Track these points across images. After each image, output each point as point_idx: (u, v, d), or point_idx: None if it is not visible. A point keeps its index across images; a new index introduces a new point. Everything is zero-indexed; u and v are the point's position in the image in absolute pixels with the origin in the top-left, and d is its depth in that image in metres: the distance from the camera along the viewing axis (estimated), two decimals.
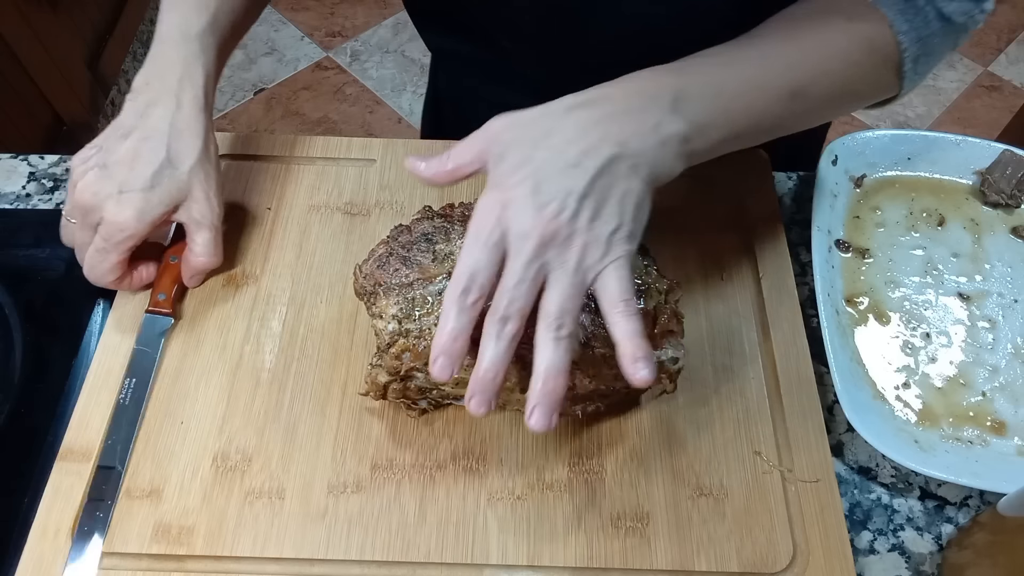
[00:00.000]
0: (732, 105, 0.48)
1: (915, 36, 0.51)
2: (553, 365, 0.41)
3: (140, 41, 2.11)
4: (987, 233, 0.66)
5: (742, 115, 0.48)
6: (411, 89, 2.09)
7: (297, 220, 0.65)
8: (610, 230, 0.42)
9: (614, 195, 0.43)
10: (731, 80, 0.48)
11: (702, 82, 0.47)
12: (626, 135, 0.43)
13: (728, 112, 0.47)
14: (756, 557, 0.50)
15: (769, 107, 0.49)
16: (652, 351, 0.43)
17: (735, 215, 0.65)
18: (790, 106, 0.50)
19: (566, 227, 0.41)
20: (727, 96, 0.47)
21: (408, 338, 0.49)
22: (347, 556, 0.49)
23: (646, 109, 0.44)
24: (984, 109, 2.06)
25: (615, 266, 0.42)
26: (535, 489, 0.52)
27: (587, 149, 0.43)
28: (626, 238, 0.43)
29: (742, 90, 0.48)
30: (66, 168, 0.70)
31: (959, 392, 0.57)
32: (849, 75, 0.51)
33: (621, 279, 0.42)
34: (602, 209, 0.42)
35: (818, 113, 0.54)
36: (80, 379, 0.56)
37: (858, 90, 0.53)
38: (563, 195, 0.41)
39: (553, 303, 0.41)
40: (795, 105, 0.50)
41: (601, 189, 0.42)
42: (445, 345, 0.42)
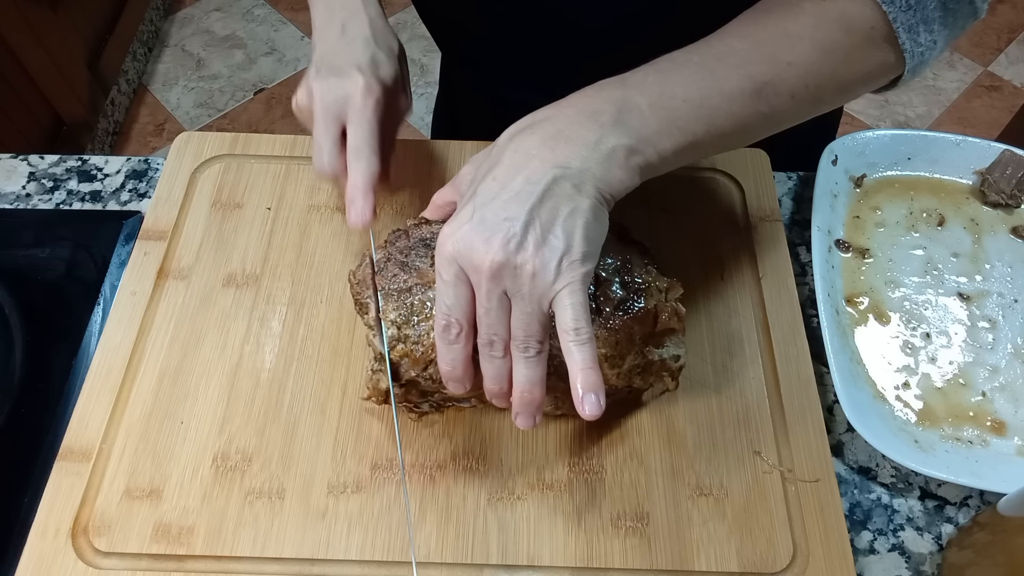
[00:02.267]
0: (682, 111, 0.45)
1: (902, 3, 0.46)
2: (527, 379, 0.43)
3: (140, 41, 2.11)
4: (987, 233, 0.66)
5: (696, 121, 0.45)
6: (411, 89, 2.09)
7: (297, 220, 0.65)
8: (558, 256, 0.41)
9: (559, 219, 0.42)
10: (680, 85, 0.45)
11: (648, 91, 0.45)
12: (567, 155, 0.42)
13: (677, 119, 0.45)
14: (756, 557, 0.50)
15: (730, 108, 0.46)
16: (601, 383, 0.42)
17: (735, 215, 0.65)
18: (755, 105, 0.46)
19: (513, 256, 0.41)
20: (676, 102, 0.45)
21: (407, 344, 0.49)
22: (347, 556, 0.49)
23: (587, 126, 0.43)
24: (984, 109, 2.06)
25: (567, 292, 0.41)
26: (535, 489, 0.52)
27: (529, 175, 0.42)
28: (577, 262, 0.42)
29: (693, 94, 0.45)
30: (66, 168, 0.70)
31: (959, 392, 0.57)
32: (823, 62, 0.47)
33: (573, 306, 0.41)
34: (548, 235, 0.41)
35: (801, 107, 0.49)
36: (80, 379, 0.56)
37: (842, 75, 0.48)
38: (507, 225, 0.41)
39: (518, 328, 0.43)
40: (761, 103, 0.46)
41: (545, 214, 0.41)
42: (447, 374, 0.46)
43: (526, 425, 0.45)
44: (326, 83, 0.54)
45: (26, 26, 1.61)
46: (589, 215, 0.42)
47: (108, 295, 0.62)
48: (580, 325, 0.42)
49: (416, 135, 1.98)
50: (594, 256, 0.43)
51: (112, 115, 1.95)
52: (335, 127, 0.54)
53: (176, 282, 0.61)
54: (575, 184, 0.42)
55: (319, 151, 0.54)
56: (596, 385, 0.42)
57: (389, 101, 0.56)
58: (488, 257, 0.41)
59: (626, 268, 0.52)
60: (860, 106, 2.04)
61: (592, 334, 0.42)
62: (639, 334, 0.50)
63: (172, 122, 2.02)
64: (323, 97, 0.54)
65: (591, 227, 0.42)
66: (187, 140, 0.69)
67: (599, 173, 0.43)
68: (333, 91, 0.53)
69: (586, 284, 0.42)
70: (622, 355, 0.50)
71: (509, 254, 0.41)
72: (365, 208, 0.52)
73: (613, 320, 0.49)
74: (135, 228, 0.64)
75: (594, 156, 0.43)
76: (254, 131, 0.84)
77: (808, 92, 0.47)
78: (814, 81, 0.47)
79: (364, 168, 0.53)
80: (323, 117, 0.54)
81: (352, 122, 0.53)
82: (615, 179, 0.43)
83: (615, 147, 0.43)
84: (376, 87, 0.54)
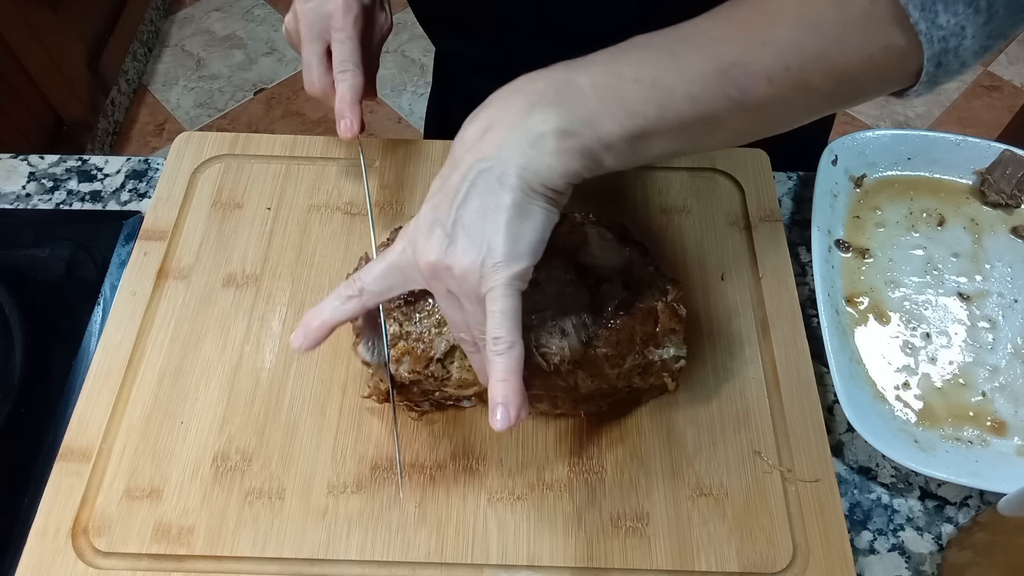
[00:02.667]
0: (629, 91, 0.40)
1: None
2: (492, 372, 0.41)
3: (140, 41, 2.11)
4: (987, 233, 0.66)
5: (646, 102, 0.40)
6: (411, 89, 2.09)
7: (297, 220, 0.65)
8: (480, 258, 0.39)
9: (482, 216, 0.39)
10: (631, 65, 0.41)
11: (593, 71, 0.41)
12: (492, 144, 0.39)
13: (623, 100, 0.40)
14: (756, 557, 0.50)
15: (688, 90, 0.40)
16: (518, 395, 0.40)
17: (735, 215, 0.65)
18: (721, 88, 0.41)
19: (443, 257, 0.40)
20: (623, 81, 0.40)
21: (408, 340, 0.49)
22: (347, 556, 0.49)
23: (517, 110, 0.40)
24: (984, 109, 2.06)
25: (490, 297, 0.39)
26: (535, 489, 0.52)
27: (462, 170, 0.40)
28: (500, 264, 0.39)
29: (644, 74, 0.40)
30: (66, 168, 0.70)
31: (959, 392, 0.57)
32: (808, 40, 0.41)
33: (492, 313, 0.39)
34: (471, 235, 0.39)
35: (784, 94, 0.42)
36: (80, 379, 0.56)
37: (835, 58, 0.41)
38: (437, 227, 0.40)
39: (471, 326, 0.42)
40: (728, 86, 0.40)
41: (469, 213, 0.39)
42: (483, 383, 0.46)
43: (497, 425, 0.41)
44: (309, 4, 0.57)
45: (26, 26, 1.61)
46: (512, 211, 0.39)
47: (108, 295, 0.62)
48: (499, 334, 0.39)
49: (416, 135, 1.99)
50: (524, 255, 0.39)
51: (112, 115, 1.95)
52: (320, 46, 0.58)
53: (176, 282, 0.61)
54: (498, 176, 0.39)
55: (308, 71, 0.58)
56: (507, 397, 0.40)
57: (368, 17, 0.59)
58: (422, 258, 0.41)
59: (627, 268, 0.52)
60: (860, 106, 2.04)
61: (515, 340, 0.40)
62: (640, 334, 0.50)
63: (172, 122, 2.02)
64: (306, 17, 0.57)
65: (515, 224, 0.39)
66: (187, 140, 0.69)
67: (523, 161, 0.39)
68: (315, 10, 0.57)
69: (512, 286, 0.39)
70: (622, 355, 0.50)
71: (439, 255, 0.40)
72: (353, 120, 0.57)
73: (614, 320, 0.49)
74: (135, 228, 0.64)
75: (518, 142, 0.39)
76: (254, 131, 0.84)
77: (790, 76, 0.41)
78: (796, 62, 0.41)
79: (349, 83, 0.56)
80: (308, 36, 0.57)
81: (335, 40, 0.57)
82: (543, 166, 0.39)
83: (544, 131, 0.39)
84: (355, 4, 0.57)
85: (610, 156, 0.40)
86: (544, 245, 0.40)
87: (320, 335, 0.46)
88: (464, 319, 0.42)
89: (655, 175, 0.67)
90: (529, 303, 0.47)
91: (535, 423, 0.55)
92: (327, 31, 0.57)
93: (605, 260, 0.52)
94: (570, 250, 0.52)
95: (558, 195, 0.40)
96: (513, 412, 0.40)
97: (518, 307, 0.40)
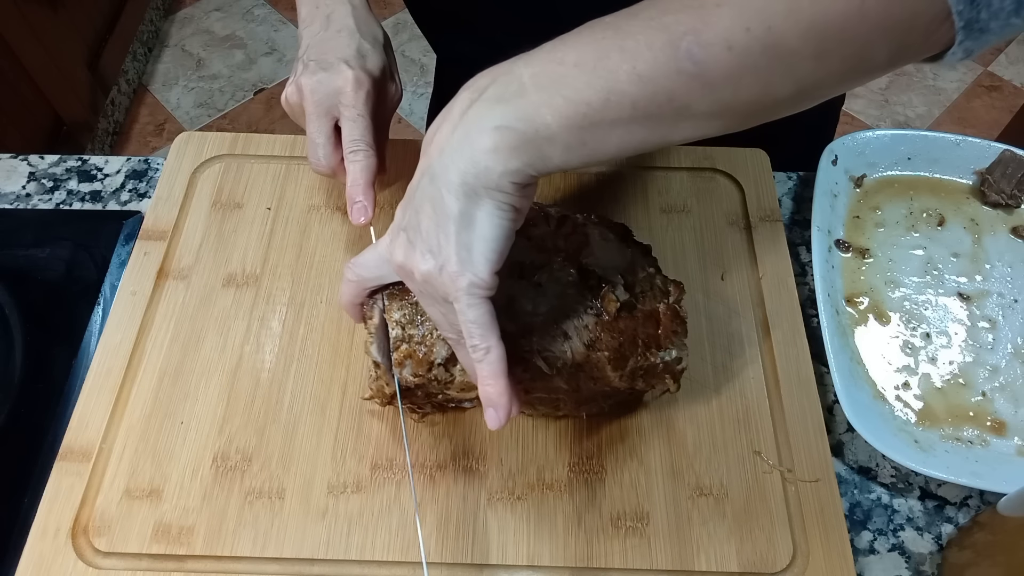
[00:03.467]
0: (570, 76, 0.36)
1: None
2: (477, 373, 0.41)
3: (140, 41, 2.11)
4: (987, 233, 0.66)
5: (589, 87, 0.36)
6: (411, 89, 2.09)
7: (297, 220, 0.65)
8: (438, 267, 0.38)
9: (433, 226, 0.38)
10: (573, 49, 0.37)
11: (535, 60, 0.37)
12: (440, 145, 0.38)
13: (564, 87, 0.36)
14: (756, 557, 0.50)
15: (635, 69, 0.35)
16: (504, 395, 0.40)
17: (735, 215, 0.65)
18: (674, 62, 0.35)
19: (408, 263, 0.40)
20: (564, 67, 0.36)
21: (411, 343, 0.49)
22: (347, 556, 0.49)
23: (462, 107, 0.38)
24: (984, 109, 2.06)
25: (458, 307, 0.39)
26: (535, 489, 0.52)
27: (418, 175, 0.39)
28: (456, 273, 0.37)
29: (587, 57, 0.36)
30: (66, 168, 0.70)
31: (959, 392, 0.57)
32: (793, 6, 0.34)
33: (464, 322, 0.39)
34: (427, 243, 0.38)
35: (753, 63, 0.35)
36: (80, 379, 0.56)
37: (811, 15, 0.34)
38: (401, 232, 0.40)
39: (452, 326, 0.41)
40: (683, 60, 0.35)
41: (423, 221, 0.38)
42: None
43: (490, 424, 0.41)
44: (315, 78, 0.54)
45: (26, 26, 1.61)
46: (460, 221, 0.37)
47: (108, 295, 0.62)
48: (475, 342, 0.39)
49: (416, 135, 1.99)
50: (478, 263, 0.37)
51: (112, 115, 1.95)
52: (328, 123, 0.54)
53: (176, 282, 0.61)
54: (443, 183, 0.37)
55: (314, 148, 0.54)
56: (493, 400, 0.40)
57: (379, 91, 0.56)
58: (394, 258, 0.41)
59: (629, 270, 0.52)
60: (860, 106, 2.04)
61: (493, 343, 0.39)
62: (642, 336, 0.50)
63: (172, 122, 2.02)
64: (313, 93, 0.54)
65: (464, 234, 0.37)
66: (187, 140, 0.69)
67: (462, 164, 0.36)
68: (323, 86, 0.53)
69: (472, 295, 0.38)
70: (624, 357, 0.49)
71: (405, 258, 0.40)
72: (367, 205, 0.53)
73: (616, 323, 0.49)
74: (135, 228, 0.64)
75: (458, 144, 0.37)
76: (254, 131, 0.84)
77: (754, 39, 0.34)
78: (759, 22, 0.34)
79: (363, 164, 0.53)
80: (315, 113, 0.54)
81: (345, 117, 0.54)
82: (482, 167, 0.36)
83: (482, 128, 0.36)
84: (365, 80, 0.54)
85: (556, 150, 0.37)
86: (502, 253, 0.38)
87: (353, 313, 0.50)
88: (443, 318, 0.42)
89: (655, 175, 0.67)
90: (530, 305, 0.48)
91: (535, 423, 0.55)
92: (336, 108, 0.54)
93: (607, 261, 0.52)
94: (572, 251, 0.52)
95: (508, 197, 0.37)
96: (503, 413, 0.40)
97: (487, 312, 0.39)
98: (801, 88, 0.37)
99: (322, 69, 0.54)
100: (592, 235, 0.53)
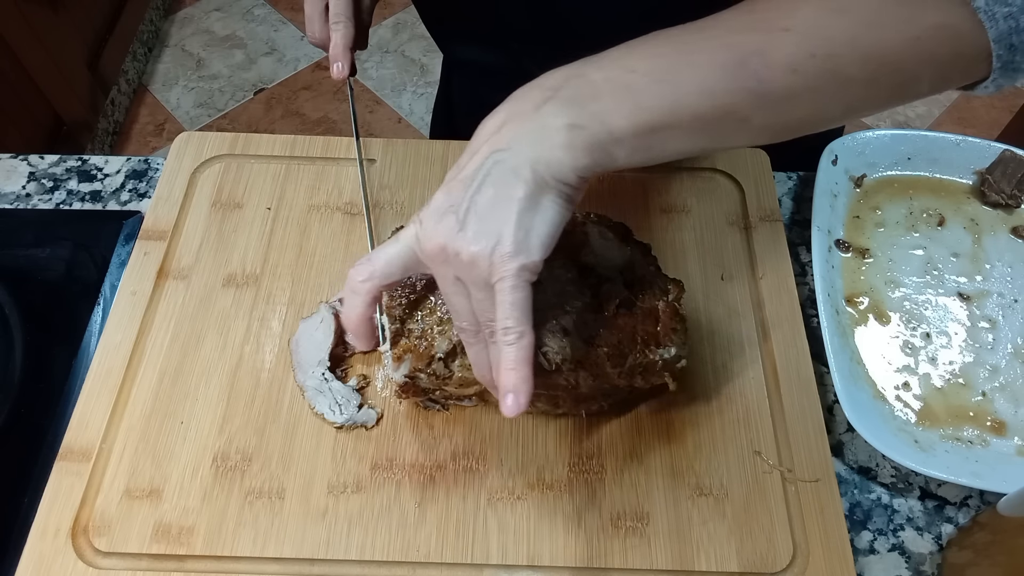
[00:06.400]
0: (640, 85, 0.39)
1: None
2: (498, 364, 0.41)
3: (140, 41, 2.11)
4: (987, 233, 0.66)
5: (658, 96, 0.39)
6: (411, 89, 2.09)
7: (297, 220, 0.65)
8: (490, 247, 0.39)
9: (493, 207, 0.39)
10: (644, 58, 0.40)
11: (606, 65, 0.41)
12: (508, 137, 0.40)
13: (634, 94, 0.39)
14: (756, 557, 0.50)
15: (703, 84, 0.39)
16: (527, 383, 0.41)
17: (735, 215, 0.65)
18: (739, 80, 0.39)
19: (453, 242, 0.40)
20: (635, 76, 0.40)
21: (410, 338, 0.49)
22: (347, 556, 0.49)
23: (533, 105, 0.40)
24: (984, 109, 2.06)
25: (499, 288, 0.39)
26: (535, 489, 0.52)
27: (477, 160, 0.40)
28: (508, 255, 0.39)
29: (657, 67, 0.40)
30: (66, 168, 0.70)
31: (959, 392, 0.57)
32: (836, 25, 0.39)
33: (502, 304, 0.39)
34: (482, 223, 0.39)
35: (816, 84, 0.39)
36: (80, 379, 0.56)
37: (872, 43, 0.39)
38: (450, 213, 0.40)
39: (478, 313, 0.42)
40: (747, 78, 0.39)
41: (483, 201, 0.39)
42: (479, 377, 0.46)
43: (508, 411, 0.41)
44: None
45: (26, 26, 1.61)
46: (524, 203, 0.39)
47: (108, 295, 0.62)
48: (510, 324, 0.40)
49: (416, 135, 1.99)
50: (533, 248, 0.39)
51: (112, 115, 1.95)
52: (320, 2, 0.65)
53: (176, 282, 0.61)
54: (512, 167, 0.39)
55: (310, 22, 0.65)
56: (518, 386, 0.40)
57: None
58: (432, 242, 0.41)
59: (629, 269, 0.52)
60: None
61: (525, 330, 0.40)
62: (641, 334, 0.50)
63: (172, 122, 2.02)
64: None
65: (526, 216, 0.39)
66: (187, 140, 0.69)
67: (535, 154, 0.39)
68: None
69: (521, 277, 0.39)
70: (624, 355, 0.50)
71: (449, 240, 0.40)
72: (344, 64, 0.64)
73: (616, 320, 0.49)
74: (135, 228, 0.64)
75: (531, 135, 0.39)
76: (254, 131, 0.84)
77: (817, 64, 0.38)
78: (823, 49, 0.38)
79: (342, 33, 0.64)
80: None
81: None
82: (554, 159, 0.39)
83: (556, 125, 0.39)
84: None
85: (622, 151, 0.40)
86: (555, 240, 0.40)
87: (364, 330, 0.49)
88: (469, 307, 0.42)
89: (655, 175, 0.67)
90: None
91: (535, 422, 0.55)
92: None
93: (606, 259, 0.52)
94: (572, 249, 0.52)
95: (571, 190, 0.40)
96: (524, 399, 0.40)
97: (528, 298, 0.40)
98: (849, 109, 0.41)
99: None
100: (592, 233, 0.53)
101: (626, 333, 0.49)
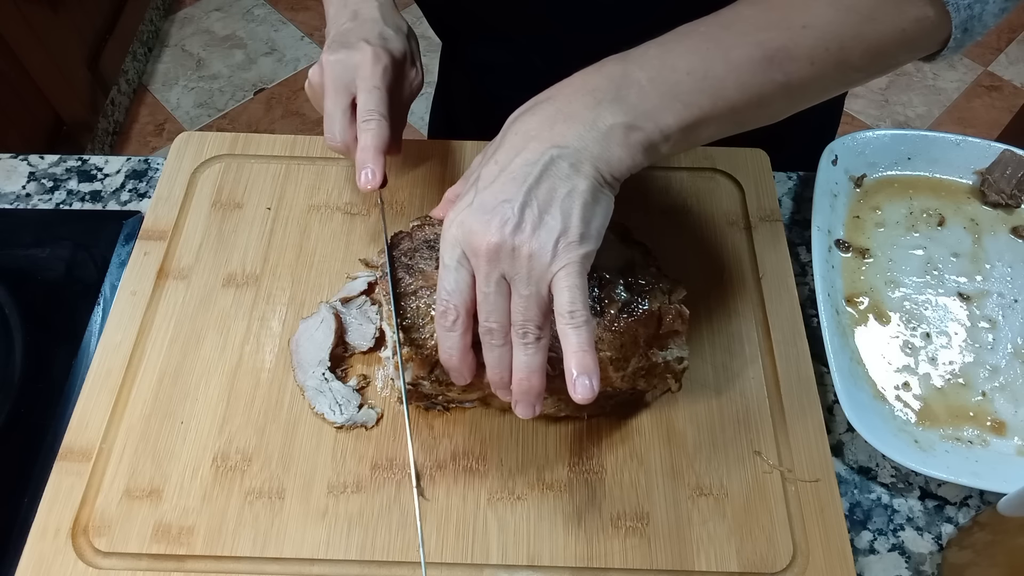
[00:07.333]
0: (684, 84, 0.43)
1: None
2: (526, 366, 0.43)
3: (140, 41, 2.11)
4: (987, 233, 0.66)
5: (700, 93, 0.43)
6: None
7: (297, 220, 0.65)
8: (555, 236, 0.41)
9: (556, 199, 0.41)
10: (682, 57, 0.43)
11: (648, 65, 0.43)
12: (564, 134, 0.42)
13: (680, 93, 0.43)
14: (756, 557, 0.50)
15: (738, 79, 0.43)
16: (596, 367, 0.41)
17: (735, 215, 0.65)
18: (768, 74, 0.44)
19: (510, 238, 0.41)
20: (678, 75, 0.43)
21: (412, 346, 0.49)
22: (347, 556, 0.49)
23: (584, 104, 0.42)
24: (984, 109, 2.06)
25: (564, 274, 0.41)
26: (535, 489, 0.52)
27: (527, 156, 0.42)
28: (575, 243, 0.41)
29: (696, 66, 0.43)
30: (66, 168, 0.70)
31: (959, 392, 0.57)
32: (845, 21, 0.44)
33: (570, 288, 0.41)
34: (545, 215, 0.41)
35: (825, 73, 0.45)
36: (80, 379, 0.56)
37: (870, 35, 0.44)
38: (504, 207, 0.41)
39: (517, 313, 0.42)
40: (775, 71, 0.44)
41: (542, 195, 0.41)
42: (445, 361, 0.46)
43: (525, 414, 0.44)
44: (336, 56, 0.55)
45: (26, 26, 1.61)
46: (587, 195, 0.41)
47: (108, 295, 0.62)
48: (576, 308, 0.41)
49: (416, 135, 1.99)
50: (593, 238, 0.42)
51: (112, 115, 1.95)
52: (345, 98, 0.55)
53: (176, 282, 0.61)
54: (572, 163, 0.41)
55: (330, 122, 0.55)
56: (590, 368, 0.41)
57: (398, 72, 0.57)
58: (485, 239, 0.41)
59: (629, 270, 0.52)
60: (860, 106, 2.04)
61: (589, 317, 0.41)
62: (643, 336, 0.50)
63: (172, 122, 2.02)
64: (333, 68, 0.55)
65: (589, 208, 0.41)
66: (187, 140, 0.69)
67: (596, 151, 0.42)
68: (343, 62, 0.55)
69: (584, 266, 0.41)
70: (626, 358, 0.50)
71: (506, 236, 0.41)
72: (376, 170, 0.53)
73: (617, 323, 0.49)
74: (135, 228, 0.64)
75: (591, 134, 0.42)
76: (254, 131, 0.84)
77: (830, 56, 0.44)
78: (835, 43, 0.44)
79: (374, 132, 0.54)
80: (333, 88, 0.55)
81: (361, 90, 0.55)
82: (614, 158, 0.42)
83: (613, 124, 0.42)
84: (384, 56, 0.55)
85: (667, 145, 0.43)
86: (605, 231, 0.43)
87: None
88: (505, 307, 0.42)
89: (655, 175, 0.67)
90: None
91: (535, 423, 0.55)
92: (353, 83, 0.55)
93: (607, 261, 0.52)
94: None
95: (619, 185, 0.43)
96: (596, 381, 0.41)
97: (586, 286, 0.42)
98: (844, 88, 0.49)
99: (344, 48, 0.56)
100: None
101: (628, 336, 0.49)
